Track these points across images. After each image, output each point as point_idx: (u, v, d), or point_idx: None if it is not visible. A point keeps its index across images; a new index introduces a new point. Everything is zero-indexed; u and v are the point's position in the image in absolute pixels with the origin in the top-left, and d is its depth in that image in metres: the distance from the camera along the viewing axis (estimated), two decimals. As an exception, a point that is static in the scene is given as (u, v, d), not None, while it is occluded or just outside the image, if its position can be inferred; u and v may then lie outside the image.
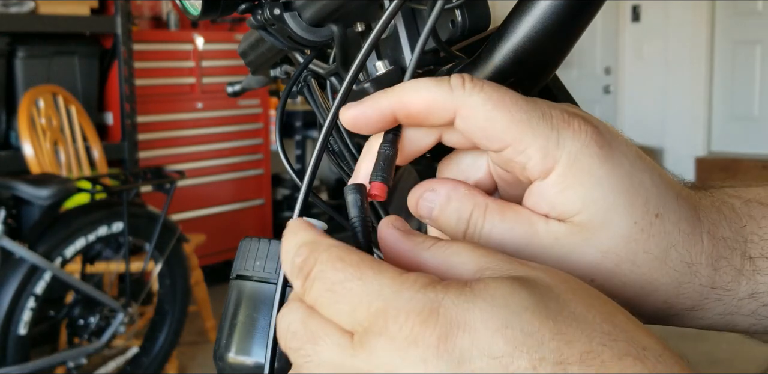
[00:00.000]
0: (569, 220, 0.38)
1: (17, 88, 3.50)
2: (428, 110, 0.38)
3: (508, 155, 0.38)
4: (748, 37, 6.32)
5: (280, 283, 0.44)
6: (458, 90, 0.37)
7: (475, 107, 0.37)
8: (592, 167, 0.37)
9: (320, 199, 0.56)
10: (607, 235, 0.38)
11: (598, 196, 0.37)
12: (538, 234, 0.38)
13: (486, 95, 0.37)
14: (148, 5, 4.49)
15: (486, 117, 0.37)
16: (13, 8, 3.46)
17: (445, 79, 0.38)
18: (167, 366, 3.18)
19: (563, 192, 0.37)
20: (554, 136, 0.37)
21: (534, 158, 0.37)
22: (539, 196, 0.38)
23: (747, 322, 0.42)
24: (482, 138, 0.38)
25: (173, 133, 4.20)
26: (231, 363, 0.50)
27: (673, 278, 0.39)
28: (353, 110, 0.39)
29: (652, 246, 0.38)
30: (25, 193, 2.61)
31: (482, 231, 0.39)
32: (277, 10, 0.48)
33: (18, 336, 2.57)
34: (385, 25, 0.40)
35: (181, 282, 3.10)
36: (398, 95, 0.38)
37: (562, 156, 0.37)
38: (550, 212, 0.38)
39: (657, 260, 0.38)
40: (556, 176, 0.37)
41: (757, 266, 0.41)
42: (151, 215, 2.94)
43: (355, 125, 0.39)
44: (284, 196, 5.09)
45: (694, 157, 6.36)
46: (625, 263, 0.38)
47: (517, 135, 0.37)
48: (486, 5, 0.49)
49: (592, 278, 0.38)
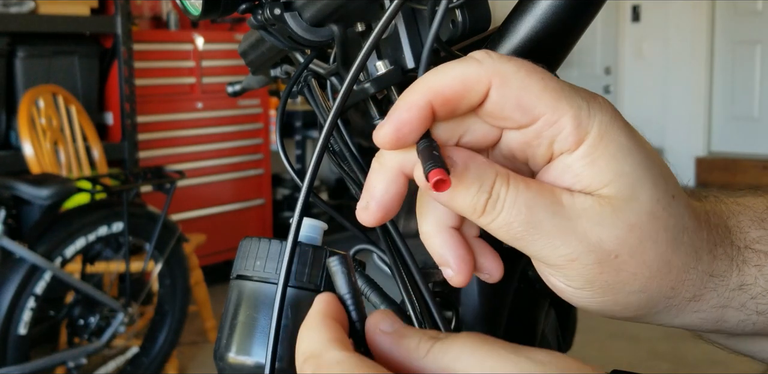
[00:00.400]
0: (596, 192, 0.38)
1: (17, 88, 3.50)
2: (464, 87, 0.37)
3: (538, 129, 0.37)
4: (748, 37, 6.32)
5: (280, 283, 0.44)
6: (487, 60, 0.37)
7: (509, 74, 0.37)
8: (620, 140, 0.37)
9: (320, 199, 0.56)
10: (633, 209, 0.37)
11: (627, 169, 0.37)
12: (564, 206, 0.37)
13: (517, 63, 0.37)
14: (148, 5, 4.49)
15: (521, 84, 0.37)
16: (13, 8, 3.46)
17: (466, 56, 0.38)
18: (167, 366, 3.18)
19: (594, 163, 0.37)
20: (585, 106, 0.37)
21: (567, 128, 0.37)
22: (564, 169, 0.38)
23: (736, 318, 0.42)
24: (516, 109, 0.37)
25: (173, 133, 4.20)
26: (231, 363, 0.49)
27: (684, 261, 0.39)
28: (389, 123, 0.37)
29: (670, 226, 0.38)
30: (25, 193, 2.61)
31: (506, 201, 0.37)
32: (277, 10, 0.48)
33: (18, 336, 2.57)
34: (385, 25, 0.40)
35: (181, 282, 3.10)
36: (426, 85, 0.37)
37: (593, 126, 0.37)
38: (575, 184, 0.38)
39: (674, 241, 0.39)
40: (587, 146, 0.37)
41: (745, 257, 0.41)
42: (151, 215, 2.94)
43: (399, 136, 0.37)
44: (284, 196, 5.09)
45: (694, 157, 6.36)
46: (648, 240, 0.38)
47: (551, 102, 0.37)
48: (486, 5, 0.49)
49: (617, 254, 0.38)
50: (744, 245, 0.42)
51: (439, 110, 0.37)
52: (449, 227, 0.41)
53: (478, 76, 0.37)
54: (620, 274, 0.38)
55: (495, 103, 0.37)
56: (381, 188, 0.39)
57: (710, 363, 3.24)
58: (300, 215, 0.43)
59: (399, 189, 0.39)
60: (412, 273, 0.43)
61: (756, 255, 0.41)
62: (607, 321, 3.38)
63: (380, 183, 0.39)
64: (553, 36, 0.42)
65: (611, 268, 0.38)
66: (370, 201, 0.39)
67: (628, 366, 0.42)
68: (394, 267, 0.44)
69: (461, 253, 0.41)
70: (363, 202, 0.40)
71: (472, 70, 0.37)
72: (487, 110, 0.38)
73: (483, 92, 0.37)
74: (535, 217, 0.37)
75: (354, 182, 0.51)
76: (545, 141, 0.38)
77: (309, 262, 0.50)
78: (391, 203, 0.39)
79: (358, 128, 0.58)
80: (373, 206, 0.39)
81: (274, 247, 0.50)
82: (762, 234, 0.42)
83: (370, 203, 0.39)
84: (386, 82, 0.48)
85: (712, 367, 3.18)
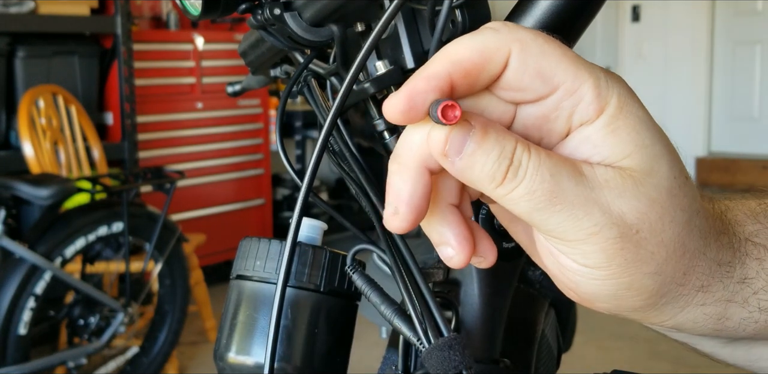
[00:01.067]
0: (616, 164, 0.37)
1: (17, 88, 3.50)
2: (483, 58, 0.36)
3: (557, 99, 0.36)
4: (748, 37, 6.32)
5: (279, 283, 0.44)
6: (504, 29, 0.36)
7: (527, 40, 0.36)
8: (639, 111, 0.37)
9: (320, 199, 0.56)
10: (653, 183, 0.37)
11: (647, 142, 0.37)
12: (586, 176, 0.36)
13: (533, 31, 0.36)
14: (148, 5, 4.49)
15: (540, 50, 0.36)
16: (13, 8, 3.46)
17: (481, 28, 0.37)
18: (167, 366, 3.18)
19: (614, 133, 0.36)
20: (603, 76, 0.37)
21: (587, 96, 0.36)
22: (582, 141, 0.37)
23: (738, 315, 0.41)
24: (536, 77, 0.36)
25: (173, 133, 4.20)
26: (231, 363, 0.49)
27: (696, 246, 0.38)
28: (403, 91, 0.35)
29: (686, 206, 0.38)
30: (25, 193, 2.61)
31: (528, 168, 0.35)
32: (277, 10, 0.48)
33: (18, 336, 2.56)
34: (385, 25, 0.40)
35: (181, 282, 3.10)
36: (446, 57, 0.36)
37: (612, 97, 0.36)
38: (594, 155, 0.37)
39: (688, 223, 0.38)
40: (607, 116, 0.36)
41: (746, 249, 0.41)
42: (151, 215, 2.94)
43: (411, 106, 0.35)
44: (284, 196, 5.09)
45: (694, 157, 6.36)
46: (666, 217, 0.37)
47: (571, 69, 0.36)
48: (486, 5, 0.49)
49: (638, 229, 0.36)
50: (744, 238, 0.41)
51: (459, 83, 0.36)
52: (449, 204, 0.40)
53: (497, 44, 0.36)
54: (639, 252, 0.37)
55: (515, 71, 0.36)
56: (407, 189, 0.37)
57: (710, 364, 3.23)
58: (299, 215, 0.43)
59: (426, 187, 0.37)
60: (412, 273, 0.43)
61: (756, 248, 0.41)
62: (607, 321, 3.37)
63: (405, 184, 0.37)
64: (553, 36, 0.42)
65: (632, 244, 0.36)
66: (398, 206, 0.37)
67: (628, 366, 0.42)
68: (394, 267, 0.44)
69: (462, 231, 0.39)
70: (390, 208, 0.38)
71: (491, 39, 0.36)
72: (506, 82, 0.36)
73: (503, 62, 0.36)
74: (558, 186, 0.35)
75: (354, 182, 0.51)
76: (564, 113, 0.37)
77: (309, 262, 0.50)
78: (422, 203, 0.37)
79: (358, 128, 0.58)
80: (403, 210, 0.37)
81: (274, 247, 0.50)
82: (759, 228, 0.42)
83: (399, 207, 0.37)
84: (386, 82, 0.48)
85: (712, 367, 3.18)
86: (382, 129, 0.50)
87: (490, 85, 0.37)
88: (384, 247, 0.45)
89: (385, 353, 0.59)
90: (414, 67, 0.50)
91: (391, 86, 0.49)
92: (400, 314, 0.44)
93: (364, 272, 0.48)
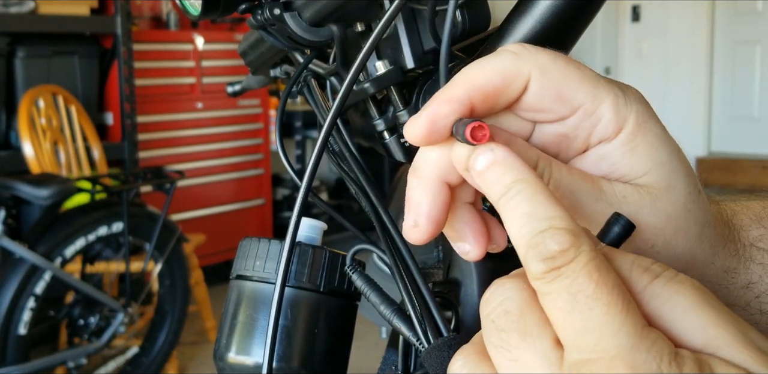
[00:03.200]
0: (634, 181, 0.37)
1: (17, 88, 3.50)
2: (503, 82, 0.36)
3: (577, 120, 0.37)
4: (748, 37, 6.32)
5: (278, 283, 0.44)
6: (524, 52, 0.36)
7: (548, 64, 0.36)
8: (656, 129, 0.37)
9: (320, 199, 0.56)
10: (670, 199, 0.37)
11: (665, 158, 0.37)
12: (605, 192, 0.37)
13: (552, 53, 0.37)
14: (148, 5, 4.49)
15: (560, 73, 0.36)
16: (13, 8, 3.46)
17: (497, 51, 0.37)
18: (167, 366, 3.18)
19: (633, 151, 0.37)
20: (621, 94, 0.37)
21: (606, 116, 0.36)
22: (600, 158, 0.37)
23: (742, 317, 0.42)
24: (555, 100, 0.36)
25: (173, 133, 4.20)
26: (231, 363, 0.50)
27: (706, 256, 0.39)
28: (424, 115, 0.36)
29: (699, 219, 0.38)
30: (25, 193, 2.61)
31: (550, 181, 0.36)
32: (277, 10, 0.48)
33: (18, 336, 2.57)
34: (386, 25, 0.40)
35: (181, 282, 3.10)
36: (466, 81, 0.36)
37: (631, 115, 0.37)
38: (612, 172, 0.37)
39: (700, 235, 0.39)
40: (625, 134, 0.37)
41: (750, 254, 0.41)
42: (151, 215, 2.94)
43: (432, 130, 0.35)
44: (284, 196, 5.09)
45: (694, 157, 6.36)
46: (680, 232, 0.38)
47: (590, 90, 0.36)
48: (486, 5, 0.49)
49: (653, 244, 0.37)
50: (748, 243, 0.42)
51: (478, 106, 0.36)
52: (465, 203, 0.40)
53: (517, 68, 0.36)
54: None
55: (535, 95, 0.36)
56: (427, 202, 0.37)
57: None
58: (298, 215, 0.43)
59: (445, 200, 0.38)
60: (412, 273, 0.43)
61: (759, 253, 0.42)
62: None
63: (425, 197, 0.37)
64: (553, 36, 0.42)
65: None
66: (418, 218, 0.38)
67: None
68: (394, 267, 0.44)
69: (477, 226, 0.39)
70: (410, 220, 0.38)
71: (510, 63, 0.36)
72: (526, 104, 0.37)
73: (522, 85, 0.36)
74: (578, 201, 0.36)
75: (354, 182, 0.51)
76: (583, 132, 0.37)
77: (308, 262, 0.50)
78: (441, 216, 0.38)
79: (358, 128, 0.58)
80: (423, 222, 0.37)
81: (274, 247, 0.50)
82: (762, 233, 0.42)
83: (418, 220, 0.38)
84: (386, 82, 0.48)
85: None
86: (382, 129, 0.50)
87: (510, 106, 0.38)
88: (384, 247, 0.45)
89: (385, 353, 0.59)
90: (414, 68, 0.50)
91: (391, 86, 0.49)
92: (400, 314, 0.44)
93: (363, 273, 0.48)
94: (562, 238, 0.30)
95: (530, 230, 0.31)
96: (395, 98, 0.49)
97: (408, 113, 0.48)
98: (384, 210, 0.48)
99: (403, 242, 0.45)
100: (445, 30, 0.43)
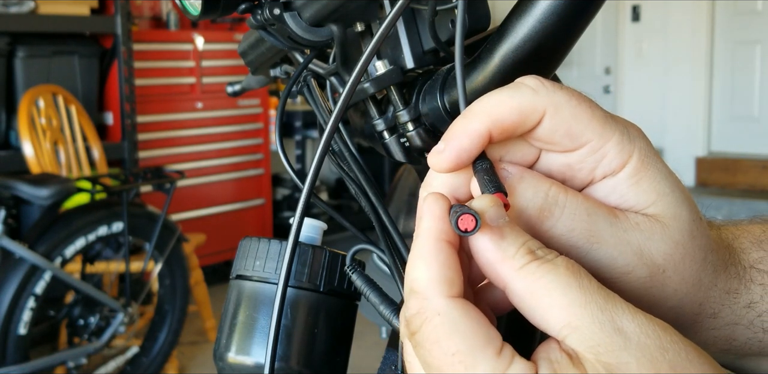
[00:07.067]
0: (642, 212, 0.40)
1: (17, 88, 3.50)
2: (521, 117, 0.38)
3: (583, 154, 0.39)
4: (748, 37, 6.32)
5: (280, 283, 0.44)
6: (542, 90, 0.39)
7: (562, 103, 0.38)
8: (657, 164, 0.40)
9: (320, 199, 0.56)
10: (677, 227, 0.40)
11: (668, 190, 0.40)
12: (619, 218, 0.39)
13: (568, 92, 0.39)
14: (148, 5, 4.49)
15: (572, 113, 0.39)
16: (13, 8, 3.46)
17: (516, 84, 0.39)
18: (167, 366, 3.18)
19: (638, 184, 0.39)
20: (626, 132, 0.40)
21: (611, 153, 0.39)
22: (609, 190, 0.40)
23: (744, 336, 0.44)
24: (565, 136, 0.39)
25: (173, 133, 4.20)
26: (231, 362, 0.50)
27: (710, 279, 0.42)
28: (450, 150, 0.38)
29: (703, 244, 0.41)
30: (25, 193, 2.61)
31: (566, 206, 0.39)
32: (277, 10, 0.48)
33: (18, 336, 2.57)
34: (389, 27, 0.40)
35: (181, 282, 3.10)
36: (486, 114, 0.38)
37: (635, 151, 0.39)
38: (621, 204, 0.40)
39: (704, 260, 0.41)
40: (630, 168, 0.39)
41: (751, 276, 0.44)
42: (151, 215, 2.94)
43: (459, 163, 0.38)
44: (284, 196, 5.09)
45: (694, 157, 6.36)
46: (688, 257, 0.40)
47: (598, 130, 0.39)
48: (486, 5, 0.49)
49: (664, 269, 0.40)
50: (749, 265, 0.44)
51: (496, 137, 0.39)
52: None
53: (533, 105, 0.38)
54: (665, 289, 0.40)
55: (546, 129, 0.39)
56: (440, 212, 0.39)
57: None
58: (301, 216, 0.43)
59: None
60: (411, 273, 0.43)
61: (760, 275, 0.44)
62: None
63: (439, 206, 0.39)
64: (553, 36, 0.42)
65: (659, 283, 0.40)
66: None
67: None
68: (393, 267, 0.44)
69: None
70: None
71: (527, 101, 0.38)
72: (537, 135, 0.39)
73: (537, 120, 0.39)
74: (595, 225, 0.39)
75: (354, 182, 0.51)
76: (588, 166, 0.40)
77: (309, 262, 0.50)
78: None
79: (358, 128, 0.58)
80: None
81: (274, 247, 0.50)
82: (762, 255, 0.45)
83: None
84: (386, 82, 0.48)
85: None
86: (382, 129, 0.50)
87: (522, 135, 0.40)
88: (383, 247, 0.45)
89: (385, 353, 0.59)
90: (413, 68, 0.50)
91: (391, 86, 0.49)
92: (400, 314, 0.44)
93: (363, 272, 0.48)
94: (411, 303, 0.35)
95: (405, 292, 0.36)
96: (395, 97, 0.49)
97: (408, 113, 0.48)
98: (384, 210, 0.48)
99: (403, 243, 0.45)
100: (458, 29, 0.43)
